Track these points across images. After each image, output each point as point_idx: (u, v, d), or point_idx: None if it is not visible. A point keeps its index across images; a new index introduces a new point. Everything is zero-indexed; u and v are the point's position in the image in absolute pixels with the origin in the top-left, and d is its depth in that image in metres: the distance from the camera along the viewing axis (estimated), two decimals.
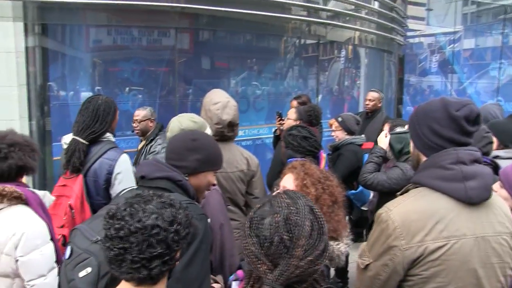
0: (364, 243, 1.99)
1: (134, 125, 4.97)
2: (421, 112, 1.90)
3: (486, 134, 3.32)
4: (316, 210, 1.42)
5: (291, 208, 1.37)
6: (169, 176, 2.07)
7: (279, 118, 5.55)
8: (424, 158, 1.90)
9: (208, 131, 2.82)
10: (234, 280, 2.41)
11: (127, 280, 1.48)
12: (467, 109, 1.78)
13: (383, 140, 3.97)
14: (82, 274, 1.74)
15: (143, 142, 4.97)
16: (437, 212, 1.75)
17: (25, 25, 5.25)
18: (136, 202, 1.49)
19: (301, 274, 1.32)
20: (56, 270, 2.46)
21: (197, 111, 5.29)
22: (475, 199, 1.75)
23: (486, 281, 1.78)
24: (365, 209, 4.65)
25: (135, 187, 2.17)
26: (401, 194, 1.95)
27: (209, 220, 2.13)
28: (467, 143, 1.81)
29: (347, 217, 2.64)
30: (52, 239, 2.49)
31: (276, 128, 5.66)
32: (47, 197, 2.64)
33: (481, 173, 1.77)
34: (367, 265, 1.88)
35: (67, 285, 1.81)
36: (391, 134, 3.92)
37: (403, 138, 3.73)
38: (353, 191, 4.42)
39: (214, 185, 2.33)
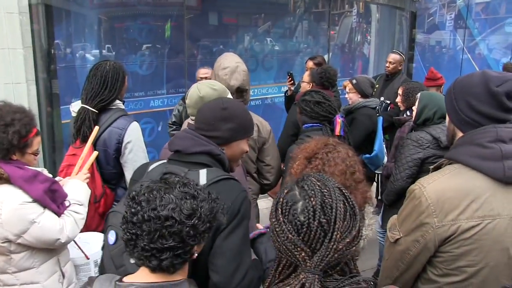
0: (395, 216, 1.97)
1: None
2: (458, 86, 1.82)
3: None
4: (345, 191, 1.37)
5: (324, 190, 1.32)
6: (209, 150, 1.98)
7: (290, 79, 5.46)
8: (460, 134, 1.84)
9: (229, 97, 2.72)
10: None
11: (138, 265, 1.46)
12: (508, 84, 1.70)
13: None
14: (133, 260, 1.63)
15: None
16: (472, 191, 1.71)
17: None
18: (157, 189, 1.42)
19: (339, 257, 1.29)
20: (69, 221, 2.48)
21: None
22: None
23: None
24: (379, 172, 4.62)
25: (165, 161, 2.05)
26: (434, 169, 1.91)
27: None
28: (506, 119, 1.74)
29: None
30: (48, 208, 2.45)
31: (287, 88, 5.58)
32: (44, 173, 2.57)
33: None
34: (397, 239, 1.87)
35: (116, 271, 1.75)
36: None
37: (430, 98, 3.61)
38: (367, 155, 4.37)
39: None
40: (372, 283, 1.34)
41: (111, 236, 1.81)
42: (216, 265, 1.79)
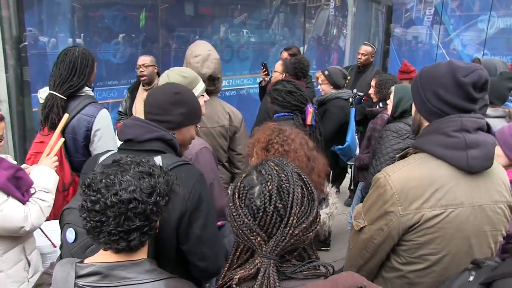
0: (360, 204, 1.98)
1: (140, 70, 4.87)
2: (425, 76, 1.82)
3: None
4: (304, 176, 1.36)
5: (281, 175, 1.31)
6: (161, 136, 1.96)
7: (264, 69, 5.45)
8: (426, 123, 1.84)
9: (201, 85, 2.70)
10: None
11: (105, 250, 1.46)
12: (475, 75, 1.70)
13: None
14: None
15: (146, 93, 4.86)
16: (437, 180, 1.71)
17: None
18: (113, 173, 1.42)
19: (296, 242, 1.28)
20: (34, 209, 2.43)
21: (181, 60, 5.20)
22: (476, 168, 1.72)
23: (477, 247, 1.79)
24: (351, 163, 4.65)
25: (115, 152, 2.03)
26: (400, 158, 1.91)
27: None
28: (472, 109, 1.75)
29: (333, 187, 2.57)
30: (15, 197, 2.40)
31: (261, 79, 5.57)
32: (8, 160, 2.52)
33: (484, 142, 1.72)
34: (362, 228, 1.88)
35: None
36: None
37: (405, 90, 3.60)
38: (340, 146, 4.40)
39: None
40: (331, 268, 1.33)
41: (70, 234, 1.76)
42: (202, 253, 1.90)
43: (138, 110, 4.75)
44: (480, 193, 1.75)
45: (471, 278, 1.48)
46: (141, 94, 4.94)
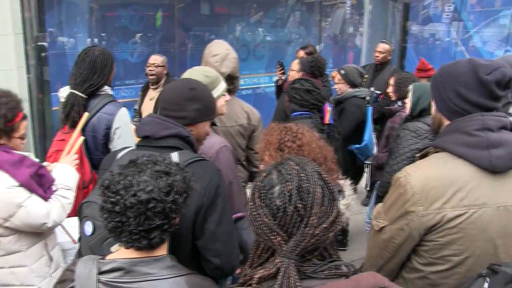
0: (380, 204, 1.95)
1: (150, 69, 4.98)
2: (446, 74, 1.79)
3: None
4: (324, 175, 1.35)
5: (301, 175, 1.30)
6: (178, 133, 1.98)
7: (280, 68, 5.44)
8: (446, 122, 1.81)
9: (223, 85, 2.69)
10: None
11: (127, 248, 1.49)
12: (498, 72, 1.66)
13: None
14: (115, 249, 1.67)
15: (154, 92, 4.97)
16: (458, 179, 1.68)
17: None
18: (130, 174, 1.45)
19: (316, 242, 1.27)
20: (56, 206, 2.50)
21: (197, 59, 5.24)
22: (500, 168, 1.68)
23: (503, 249, 1.74)
24: (369, 163, 4.61)
25: (133, 148, 2.06)
26: (421, 157, 1.89)
27: None
28: (494, 108, 1.71)
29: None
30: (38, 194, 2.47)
31: (277, 78, 5.56)
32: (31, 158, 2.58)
33: (508, 141, 1.68)
34: (382, 227, 1.85)
35: None
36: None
37: (423, 89, 3.54)
38: (357, 145, 4.37)
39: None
40: (353, 268, 1.32)
41: (88, 227, 1.80)
42: (216, 250, 1.92)
43: (146, 109, 4.87)
44: (505, 193, 1.70)
45: (485, 285, 1.45)
46: (149, 94, 5.04)
